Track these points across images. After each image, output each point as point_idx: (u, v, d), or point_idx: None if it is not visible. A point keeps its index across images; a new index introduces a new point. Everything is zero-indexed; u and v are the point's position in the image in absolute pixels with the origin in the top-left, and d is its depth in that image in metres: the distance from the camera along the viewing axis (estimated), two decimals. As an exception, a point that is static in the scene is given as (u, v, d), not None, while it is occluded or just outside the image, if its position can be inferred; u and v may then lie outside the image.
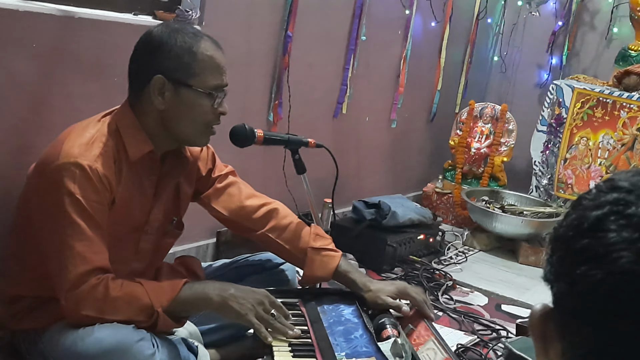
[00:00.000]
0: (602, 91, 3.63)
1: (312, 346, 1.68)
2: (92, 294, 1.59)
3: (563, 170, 3.74)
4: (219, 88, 1.75)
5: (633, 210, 0.60)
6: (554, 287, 0.65)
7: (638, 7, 3.70)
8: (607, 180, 0.66)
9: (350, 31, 3.22)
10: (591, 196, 0.65)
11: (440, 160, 4.14)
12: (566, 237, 0.63)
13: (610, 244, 0.59)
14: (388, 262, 3.06)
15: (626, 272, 0.57)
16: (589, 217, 0.62)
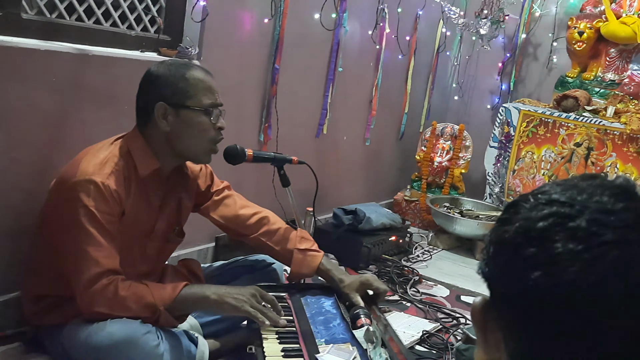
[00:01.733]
0: (544, 112, 3.65)
1: (296, 334, 1.67)
2: (103, 293, 1.58)
3: (512, 179, 3.75)
4: (214, 105, 1.75)
5: (576, 224, 0.58)
6: (497, 285, 0.64)
7: (573, 41, 3.73)
8: (542, 192, 0.64)
9: (329, 63, 3.22)
10: (529, 205, 0.63)
11: (408, 172, 4.15)
12: (514, 244, 0.61)
13: (557, 254, 0.57)
14: (364, 261, 3.05)
15: (573, 281, 0.56)
16: (535, 227, 0.60)
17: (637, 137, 3.36)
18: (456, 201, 3.85)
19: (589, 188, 0.62)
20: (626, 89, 3.63)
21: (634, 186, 0.65)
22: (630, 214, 0.59)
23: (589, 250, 0.57)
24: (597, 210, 0.59)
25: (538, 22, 4.19)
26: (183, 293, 1.64)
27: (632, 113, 3.45)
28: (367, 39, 3.42)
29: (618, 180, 0.65)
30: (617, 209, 0.59)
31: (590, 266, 0.56)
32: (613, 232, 0.57)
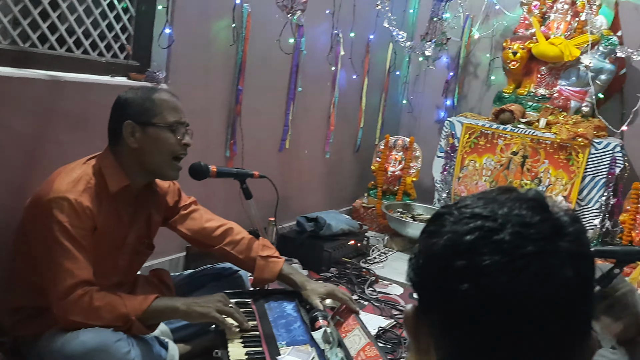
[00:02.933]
0: (484, 125, 3.72)
1: (259, 337, 1.66)
2: (78, 303, 1.55)
3: (457, 186, 3.81)
4: (178, 123, 1.74)
5: (500, 237, 0.58)
6: (427, 294, 0.63)
7: (508, 60, 3.82)
8: (464, 206, 0.63)
9: (289, 84, 3.23)
10: (453, 218, 0.62)
11: (365, 181, 4.17)
12: (444, 256, 0.60)
13: (485, 267, 0.57)
14: (325, 264, 3.06)
15: (500, 291, 0.56)
16: (462, 240, 0.59)
17: (567, 146, 3.46)
18: (408, 207, 3.89)
19: (508, 202, 0.62)
20: (556, 102, 3.73)
21: (544, 198, 0.66)
22: (546, 226, 0.60)
23: (514, 262, 0.57)
24: (518, 224, 0.59)
25: (477, 44, 4.28)
26: (154, 304, 1.61)
27: (562, 124, 3.55)
28: (324, 61, 3.44)
29: (530, 192, 0.65)
30: (535, 222, 0.59)
31: (516, 277, 0.56)
32: (533, 244, 0.58)
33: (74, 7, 2.08)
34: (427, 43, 3.86)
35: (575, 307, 0.59)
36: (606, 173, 3.39)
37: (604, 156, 3.40)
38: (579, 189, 3.45)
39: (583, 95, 3.69)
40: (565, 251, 0.59)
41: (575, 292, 0.59)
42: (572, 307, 0.59)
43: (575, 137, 3.41)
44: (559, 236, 0.59)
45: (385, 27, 3.76)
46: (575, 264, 0.59)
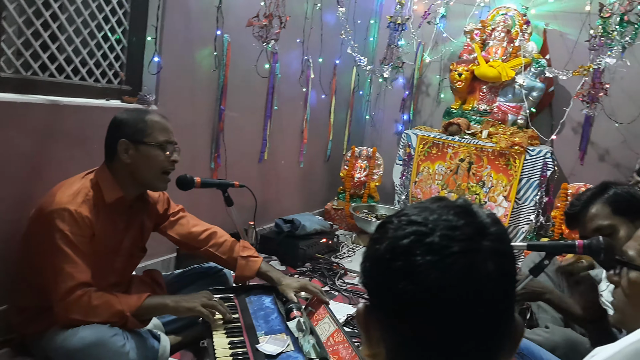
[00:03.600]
0: (436, 136, 3.77)
1: (240, 328, 1.64)
2: (78, 302, 1.52)
3: (414, 189, 3.85)
4: (168, 142, 1.72)
5: (431, 240, 0.58)
6: (374, 293, 0.63)
7: (454, 81, 3.87)
8: (403, 215, 0.64)
9: (266, 103, 3.22)
10: (394, 226, 0.62)
11: (335, 186, 4.18)
12: (384, 259, 0.60)
13: (418, 266, 0.57)
14: (301, 260, 3.05)
15: (432, 286, 0.57)
16: (400, 244, 0.60)
17: (505, 153, 3.53)
18: (373, 208, 3.91)
19: (438, 209, 0.63)
20: (495, 116, 3.81)
21: (471, 205, 0.67)
22: (470, 228, 0.60)
23: (443, 260, 0.57)
24: (446, 228, 0.59)
25: (428, 67, 4.35)
26: (146, 302, 1.59)
27: (501, 134, 3.62)
28: (296, 83, 3.44)
29: (459, 201, 0.66)
30: (461, 225, 0.60)
31: (445, 273, 0.57)
32: (459, 244, 0.58)
33: (72, 39, 2.05)
34: (385, 66, 3.91)
35: (497, 297, 0.59)
36: (539, 176, 3.47)
37: (537, 161, 3.48)
38: (517, 189, 3.52)
39: (518, 109, 3.78)
40: (488, 249, 0.59)
41: (497, 284, 0.59)
42: (495, 297, 0.59)
43: (513, 146, 3.48)
44: (482, 236, 0.60)
45: (349, 53, 3.78)
46: (496, 260, 0.59)
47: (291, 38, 3.27)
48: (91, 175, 1.72)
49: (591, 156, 3.88)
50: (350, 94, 4.31)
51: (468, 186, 3.67)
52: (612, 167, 3.78)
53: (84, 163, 1.89)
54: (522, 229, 3.54)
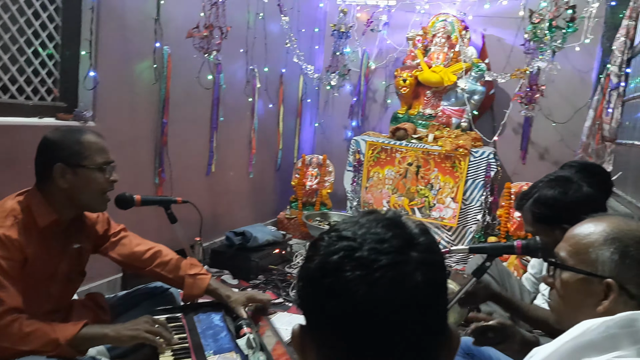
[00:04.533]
0: (384, 142, 3.83)
1: (188, 349, 1.60)
2: (8, 329, 1.44)
3: (365, 194, 3.89)
4: (106, 163, 1.66)
5: (360, 254, 0.59)
6: (308, 312, 0.63)
7: (399, 87, 3.96)
8: (334, 230, 0.64)
9: (211, 115, 3.18)
10: (325, 243, 0.62)
11: (287, 195, 4.17)
12: (315, 278, 0.60)
13: (348, 281, 0.57)
14: (254, 272, 3.02)
15: (362, 301, 0.57)
16: (330, 261, 0.59)
17: (451, 155, 3.63)
18: (325, 215, 3.91)
19: (367, 223, 0.63)
20: (440, 120, 3.92)
21: (400, 216, 0.67)
22: (398, 239, 0.61)
23: (371, 274, 0.57)
24: (374, 241, 0.60)
25: (374, 73, 4.42)
26: (83, 331, 1.52)
27: (446, 138, 3.72)
28: (242, 93, 3.42)
29: (388, 213, 0.67)
30: (388, 237, 0.60)
31: (373, 286, 0.57)
32: (387, 256, 0.59)
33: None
34: (332, 74, 3.94)
35: (427, 308, 0.60)
36: (484, 176, 3.59)
37: (481, 162, 3.60)
38: (463, 190, 3.62)
39: (461, 113, 3.90)
40: (416, 260, 0.60)
41: (426, 294, 0.60)
42: (424, 307, 0.60)
43: (457, 148, 3.59)
44: (410, 247, 0.61)
45: (295, 61, 3.80)
46: (425, 270, 0.60)
47: (234, 48, 3.25)
48: (21, 197, 1.63)
49: (532, 155, 4.05)
50: (298, 103, 4.32)
51: (417, 189, 3.75)
52: (551, 164, 3.97)
53: (14, 185, 1.79)
54: (470, 229, 3.65)
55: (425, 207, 3.74)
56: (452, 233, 3.71)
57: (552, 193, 1.51)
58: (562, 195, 1.49)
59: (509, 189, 3.58)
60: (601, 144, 3.41)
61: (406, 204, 3.79)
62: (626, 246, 0.88)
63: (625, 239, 0.89)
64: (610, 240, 0.90)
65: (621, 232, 0.90)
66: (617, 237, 0.90)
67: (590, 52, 3.69)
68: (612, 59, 3.22)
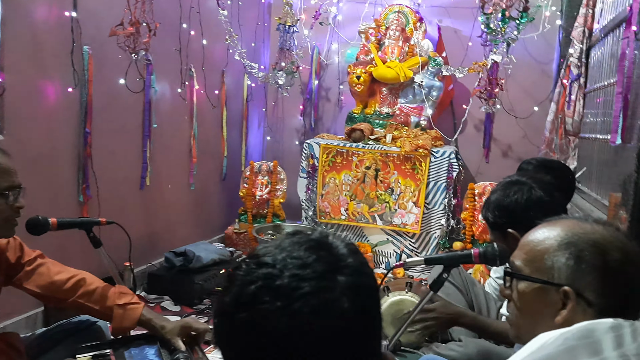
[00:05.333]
0: (339, 144, 3.84)
1: (117, 390, 1.53)
2: None
3: (321, 203, 3.88)
4: (10, 188, 1.56)
5: (279, 282, 0.58)
6: (227, 352, 0.62)
7: (353, 84, 3.97)
8: (254, 256, 0.63)
9: (143, 121, 3.09)
10: (243, 272, 0.61)
11: (235, 207, 4.12)
12: (230, 313, 0.60)
13: (268, 314, 0.57)
14: (197, 297, 2.95)
15: (285, 334, 0.56)
16: (246, 292, 0.59)
17: (411, 157, 3.67)
18: (278, 227, 3.88)
19: (289, 246, 0.63)
20: (398, 118, 3.96)
21: (327, 236, 0.67)
22: (321, 263, 0.60)
23: (293, 304, 0.57)
24: (295, 267, 0.59)
25: (326, 70, 4.44)
26: None
27: (405, 138, 3.76)
28: (177, 96, 3.35)
29: (314, 234, 0.66)
30: (311, 262, 0.60)
31: (295, 317, 0.56)
32: (310, 283, 0.58)
33: None
34: (279, 72, 3.92)
35: (356, 337, 0.59)
36: (446, 177, 3.65)
37: (442, 163, 3.66)
38: (425, 194, 3.67)
39: (420, 110, 3.96)
40: (343, 285, 0.59)
41: (354, 321, 0.59)
42: (353, 337, 0.59)
43: (417, 149, 3.64)
44: (336, 271, 0.60)
45: (237, 59, 3.75)
46: (352, 296, 0.59)
47: (166, 46, 3.18)
48: None
49: (495, 153, 4.16)
50: (243, 104, 4.27)
51: (377, 194, 3.78)
52: (516, 162, 4.07)
53: None
54: (434, 235, 3.70)
55: (386, 214, 3.76)
56: (415, 240, 3.76)
57: (501, 198, 1.54)
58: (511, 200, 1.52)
59: (472, 190, 3.66)
60: (564, 138, 3.54)
61: (366, 211, 3.81)
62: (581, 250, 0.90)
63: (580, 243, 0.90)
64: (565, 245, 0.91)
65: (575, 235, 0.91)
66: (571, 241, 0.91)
67: (550, 43, 3.83)
68: (571, 49, 3.35)
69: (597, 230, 0.91)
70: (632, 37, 1.99)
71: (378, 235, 3.84)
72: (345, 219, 3.84)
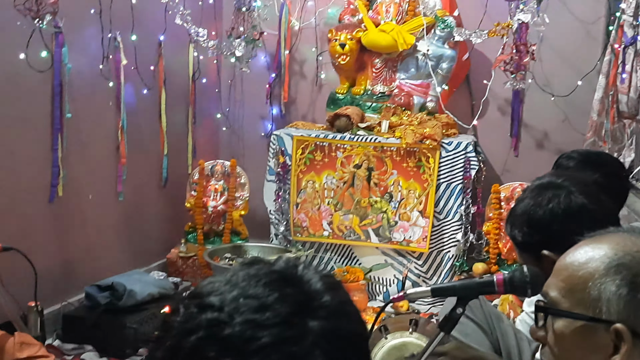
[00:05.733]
0: (318, 135, 3.85)
1: None
2: None
3: (297, 215, 3.89)
4: None
5: (229, 332, 0.58)
6: None
7: (336, 54, 3.99)
8: (196, 296, 0.64)
9: (52, 110, 3.08)
10: (181, 317, 0.62)
11: (180, 223, 4.11)
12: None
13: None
14: (130, 345, 2.96)
15: None
16: (185, 344, 0.59)
17: (415, 151, 3.70)
18: (239, 249, 3.87)
19: (244, 280, 0.63)
20: (397, 100, 3.99)
21: (295, 267, 0.67)
22: (286, 304, 0.61)
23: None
24: (250, 310, 0.59)
25: (299, 36, 4.45)
26: None
27: (406, 125, 3.79)
28: (98, 75, 3.34)
29: (278, 264, 0.67)
30: (272, 302, 0.60)
31: None
32: (269, 332, 0.58)
33: None
34: (236, 40, 3.92)
35: None
36: (462, 178, 3.69)
37: (457, 158, 3.70)
38: (435, 200, 3.70)
39: (426, 88, 3.99)
40: (316, 332, 0.60)
41: None
42: None
43: (423, 140, 3.67)
44: (306, 313, 0.61)
45: (179, 24, 3.75)
46: (327, 346, 0.60)
47: (82, 9, 3.19)
48: None
49: (527, 143, 4.20)
50: (189, 85, 4.27)
51: (370, 202, 3.80)
52: (554, 155, 4.08)
53: None
54: (448, 254, 3.73)
55: (383, 227, 3.78)
56: (423, 262, 3.78)
57: (531, 208, 1.55)
58: (544, 211, 1.53)
59: (497, 193, 3.69)
60: (618, 122, 3.61)
61: (356, 224, 3.82)
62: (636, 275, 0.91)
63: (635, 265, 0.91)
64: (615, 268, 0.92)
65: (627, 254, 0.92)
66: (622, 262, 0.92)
67: (596, -4, 3.89)
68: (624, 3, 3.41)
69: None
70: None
71: (373, 257, 3.85)
72: (329, 236, 3.85)
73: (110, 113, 3.52)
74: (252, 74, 4.29)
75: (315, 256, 3.91)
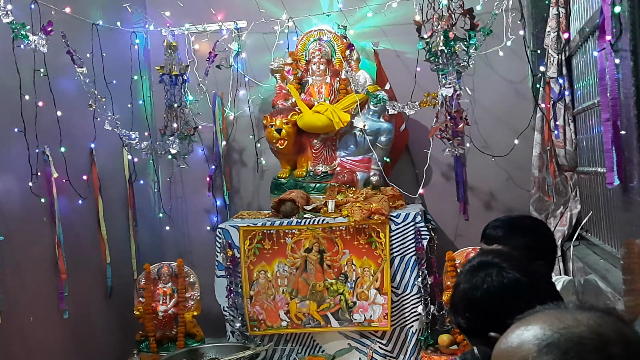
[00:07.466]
0: (265, 224, 3.84)
1: None
2: None
3: (251, 308, 3.83)
4: None
5: None
6: None
7: (274, 140, 4.04)
8: None
9: (-20, 235, 3.00)
10: None
11: (131, 333, 4.02)
12: None
13: None
14: None
15: None
16: None
17: (364, 227, 3.71)
18: (196, 353, 3.80)
19: None
20: (340, 178, 4.04)
21: None
22: None
23: None
24: None
25: (235, 125, 4.51)
26: None
27: (352, 203, 3.82)
28: (28, 192, 3.28)
29: None
30: None
31: None
32: None
33: None
34: (170, 138, 3.93)
35: None
36: (414, 249, 3.71)
37: (407, 230, 3.72)
38: (391, 275, 3.70)
39: (367, 163, 4.06)
40: None
41: None
42: None
43: (370, 215, 3.69)
44: None
45: (109, 129, 3.74)
46: None
47: (5, 127, 3.15)
48: None
49: (475, 206, 4.28)
50: (126, 188, 4.25)
51: (326, 285, 3.78)
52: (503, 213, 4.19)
53: None
54: (411, 329, 3.71)
55: (342, 310, 3.76)
56: (387, 341, 3.75)
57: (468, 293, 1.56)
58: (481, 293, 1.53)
59: (452, 260, 3.71)
60: (559, 175, 3.70)
61: (314, 310, 3.79)
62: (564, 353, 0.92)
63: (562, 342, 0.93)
64: (545, 349, 0.93)
65: (555, 333, 0.94)
66: (551, 342, 0.93)
67: (520, 56, 4.05)
68: (547, 61, 3.55)
69: (582, 321, 0.94)
70: (608, 49, 2.13)
71: (336, 342, 3.81)
72: (288, 326, 3.80)
73: (45, 229, 3.45)
74: (191, 169, 4.30)
75: (275, 349, 3.84)
